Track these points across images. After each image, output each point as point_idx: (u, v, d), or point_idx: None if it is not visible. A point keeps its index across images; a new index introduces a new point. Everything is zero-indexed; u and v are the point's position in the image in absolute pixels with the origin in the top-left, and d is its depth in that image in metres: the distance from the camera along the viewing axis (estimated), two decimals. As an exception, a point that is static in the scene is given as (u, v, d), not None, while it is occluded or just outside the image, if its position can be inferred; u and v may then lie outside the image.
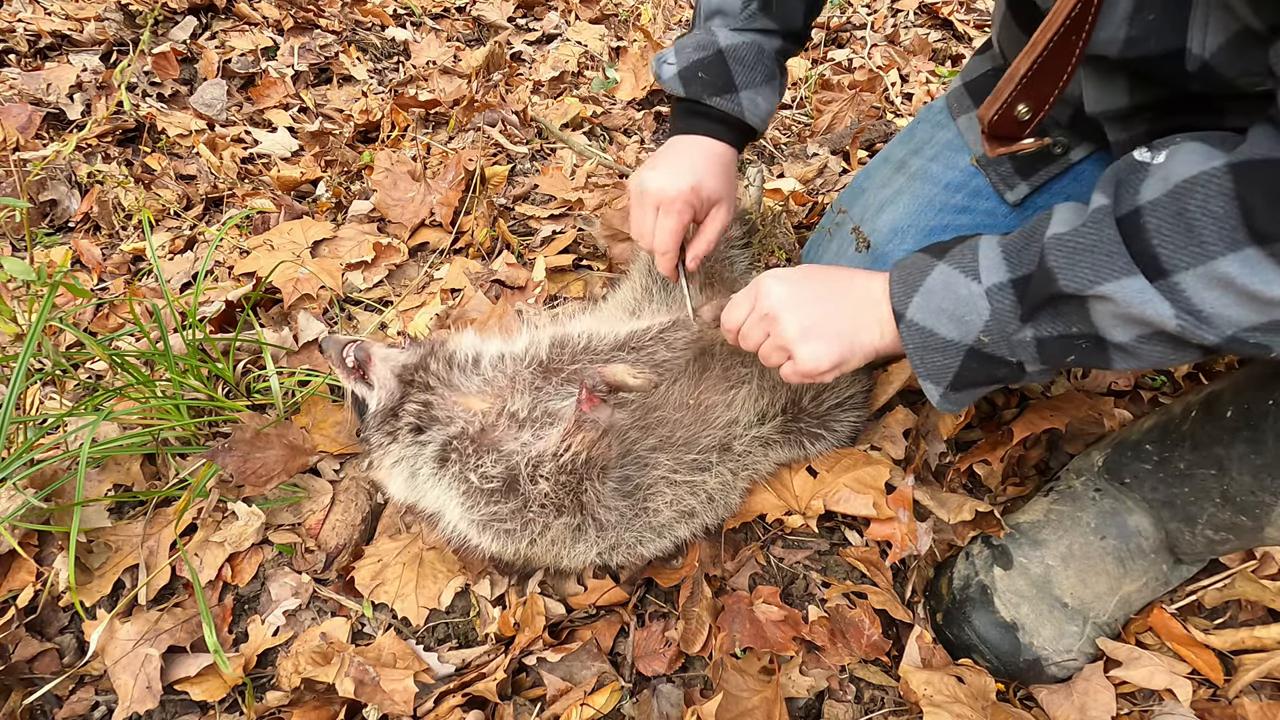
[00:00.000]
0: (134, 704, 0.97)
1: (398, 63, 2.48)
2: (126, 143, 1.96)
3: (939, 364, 0.79)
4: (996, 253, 0.75)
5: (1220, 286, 0.60)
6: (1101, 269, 0.65)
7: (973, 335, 0.76)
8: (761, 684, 0.99)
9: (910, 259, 0.82)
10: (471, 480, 0.96)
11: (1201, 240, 0.60)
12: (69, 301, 1.49)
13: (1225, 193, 0.59)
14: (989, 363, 0.77)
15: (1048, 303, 0.70)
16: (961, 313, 0.76)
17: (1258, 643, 1.01)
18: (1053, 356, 0.74)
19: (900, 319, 0.80)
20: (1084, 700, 0.97)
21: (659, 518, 1.02)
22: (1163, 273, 0.62)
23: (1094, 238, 0.66)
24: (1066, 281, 0.67)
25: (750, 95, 1.08)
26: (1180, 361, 0.68)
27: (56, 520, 1.10)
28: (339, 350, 1.05)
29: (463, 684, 0.99)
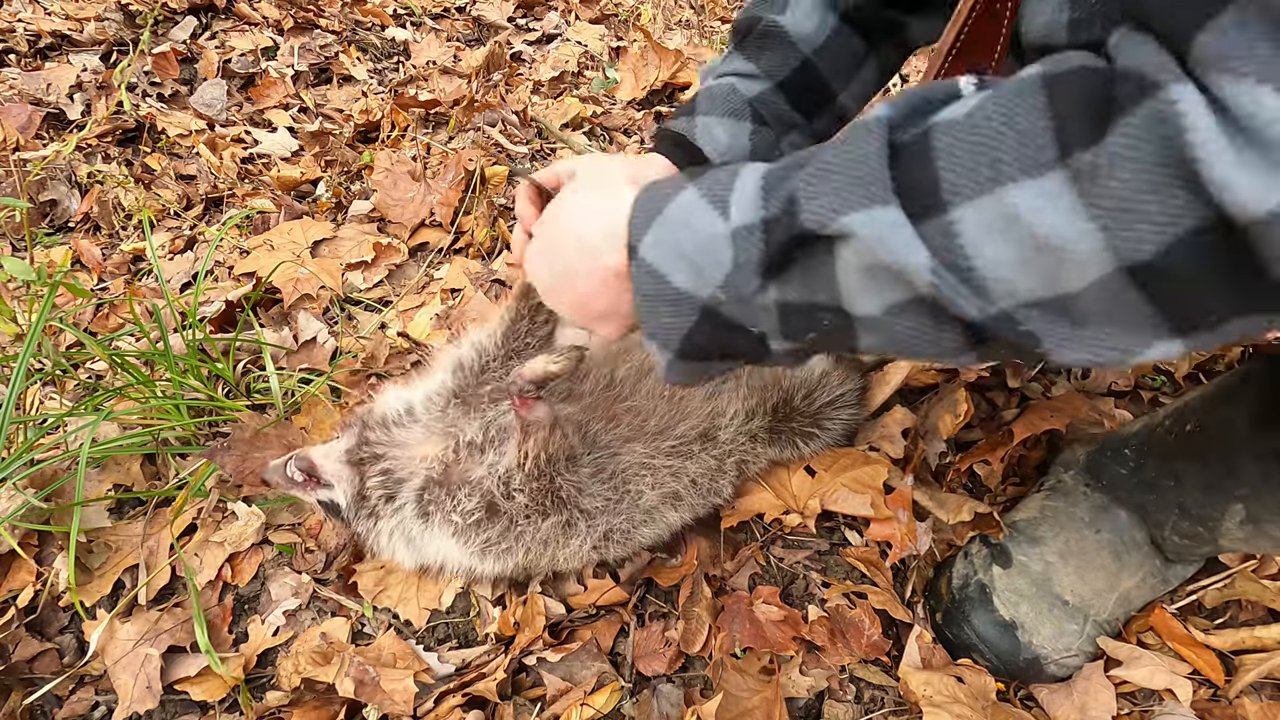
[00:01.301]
0: (134, 704, 0.97)
1: (398, 63, 2.48)
2: (126, 143, 1.96)
3: (667, 322, 0.60)
4: (755, 182, 0.55)
5: (1002, 229, 0.43)
6: (850, 195, 0.47)
7: (709, 289, 0.56)
8: (761, 684, 0.99)
9: (664, 180, 0.63)
10: (456, 520, 0.98)
11: (995, 159, 0.43)
12: (69, 301, 1.49)
13: (1035, 107, 0.43)
14: (726, 330, 0.58)
15: (790, 248, 0.52)
16: (699, 257, 0.56)
17: (1258, 643, 1.01)
18: (796, 331, 0.56)
19: (633, 255, 0.60)
20: (1084, 700, 0.97)
21: (644, 500, 1.02)
22: (939, 206, 0.45)
23: (851, 154, 0.48)
24: (808, 213, 0.49)
25: (706, 121, 1.00)
26: (935, 354, 0.51)
27: (56, 520, 1.10)
28: (282, 472, 1.03)
29: (463, 684, 0.99)
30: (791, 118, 1.04)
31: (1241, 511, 0.85)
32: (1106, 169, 0.38)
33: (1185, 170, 0.36)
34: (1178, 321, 0.42)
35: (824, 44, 0.99)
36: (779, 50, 1.00)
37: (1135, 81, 0.38)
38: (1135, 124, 0.37)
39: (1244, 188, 0.34)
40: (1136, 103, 0.38)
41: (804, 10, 0.99)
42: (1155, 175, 0.37)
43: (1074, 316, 0.44)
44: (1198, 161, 0.35)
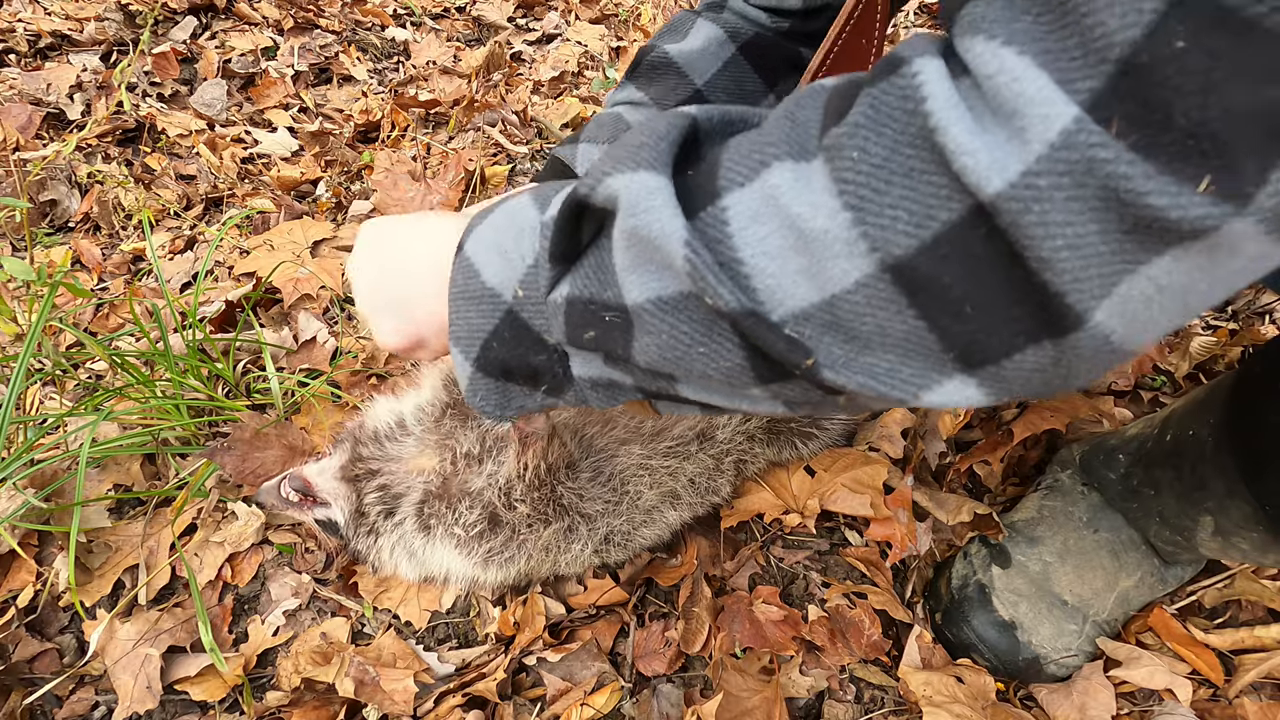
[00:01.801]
0: (134, 704, 0.97)
1: (398, 63, 2.48)
2: (126, 143, 1.96)
3: (471, 321, 0.54)
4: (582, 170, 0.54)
5: (768, 212, 0.39)
6: (622, 159, 0.43)
7: (512, 286, 0.52)
8: (761, 684, 0.99)
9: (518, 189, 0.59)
10: (459, 533, 0.97)
11: (766, 143, 0.40)
12: (69, 301, 1.49)
13: (816, 103, 0.40)
14: (524, 338, 0.53)
15: (576, 224, 0.48)
16: (509, 247, 0.52)
17: (1258, 643, 1.01)
18: (577, 332, 0.50)
19: (459, 251, 0.55)
20: (1084, 699, 0.97)
21: (643, 500, 1.02)
22: (714, 193, 0.41)
23: (641, 132, 0.45)
24: (585, 181, 0.45)
25: (587, 149, 0.98)
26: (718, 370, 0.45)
27: (56, 520, 1.10)
28: (276, 493, 1.02)
29: (463, 684, 0.99)
30: None
31: (1211, 524, 0.85)
32: (849, 142, 0.35)
33: (931, 145, 0.33)
34: (961, 350, 0.37)
35: (715, 75, 0.98)
36: (669, 80, 0.99)
37: (885, 61, 0.36)
38: (877, 97, 0.35)
39: (983, 155, 0.31)
40: (881, 77, 0.35)
41: (699, 40, 0.98)
42: (906, 158, 0.34)
43: (848, 330, 0.39)
44: (937, 131, 0.32)
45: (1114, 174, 0.29)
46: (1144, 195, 0.29)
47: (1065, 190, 0.30)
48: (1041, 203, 0.30)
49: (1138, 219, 0.30)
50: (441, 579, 1.03)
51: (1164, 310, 0.33)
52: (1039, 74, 0.30)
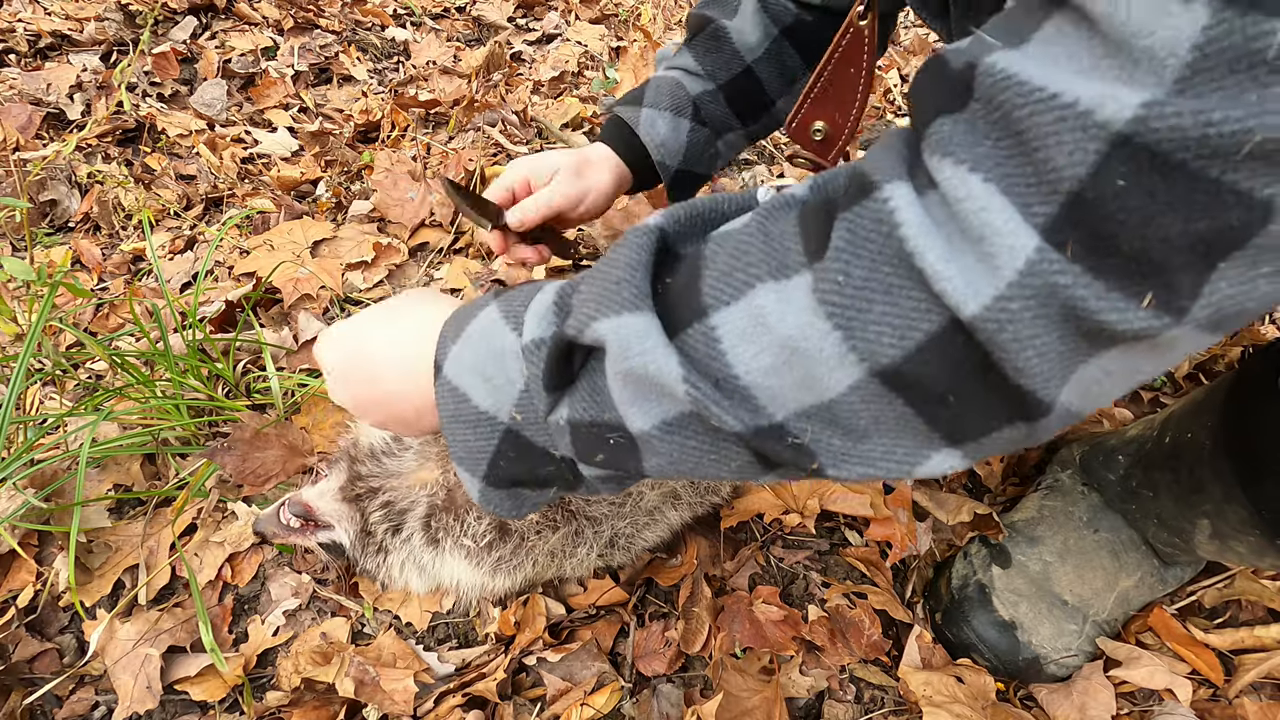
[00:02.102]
0: (134, 704, 0.97)
1: (398, 63, 2.48)
2: (126, 143, 1.96)
3: (471, 444, 0.56)
4: (549, 297, 0.52)
5: (758, 331, 0.41)
6: (605, 300, 0.45)
7: (506, 410, 0.53)
8: (761, 684, 0.99)
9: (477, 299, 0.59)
10: (468, 544, 0.96)
11: (748, 263, 0.42)
12: (69, 301, 1.49)
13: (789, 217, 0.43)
14: (529, 454, 0.54)
15: (564, 359, 0.49)
16: (494, 374, 0.53)
17: (1258, 642, 1.01)
18: (587, 453, 0.52)
19: (438, 372, 0.56)
20: (1084, 699, 0.97)
21: (645, 500, 1.02)
22: (700, 311, 0.43)
23: (614, 261, 0.46)
24: (572, 319, 0.47)
25: (650, 114, 1.03)
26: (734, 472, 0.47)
27: (56, 520, 1.10)
28: (275, 521, 1.00)
29: (463, 684, 0.99)
30: (729, 120, 1.08)
31: (1208, 527, 0.85)
32: (832, 267, 0.38)
33: (909, 266, 0.36)
34: (948, 430, 0.40)
35: (764, 55, 1.04)
36: (724, 54, 1.04)
37: (856, 181, 0.39)
38: (853, 222, 0.38)
39: (956, 281, 0.34)
40: (855, 201, 0.38)
41: (750, 20, 1.03)
42: (884, 276, 0.37)
43: (845, 426, 0.42)
44: (914, 255, 0.35)
45: (1072, 295, 0.33)
46: (1096, 312, 0.33)
47: (1032, 310, 0.34)
48: (1014, 323, 0.34)
49: (1091, 327, 0.34)
50: (452, 589, 1.02)
51: (1115, 385, 0.37)
52: (1003, 203, 0.33)
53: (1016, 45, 0.34)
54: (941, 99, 0.37)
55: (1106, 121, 0.30)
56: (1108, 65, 0.31)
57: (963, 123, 0.35)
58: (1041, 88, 0.32)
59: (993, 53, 0.34)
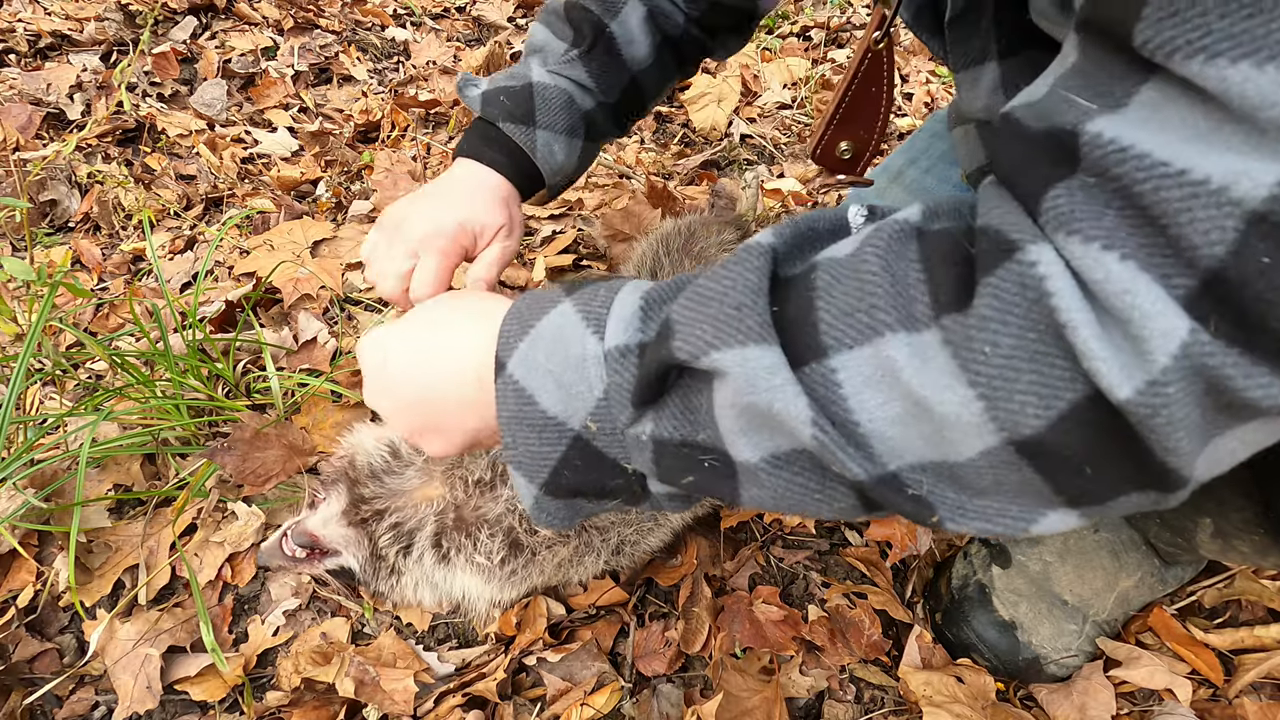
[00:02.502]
0: (134, 704, 0.97)
1: (398, 63, 2.48)
2: (126, 143, 1.96)
3: (533, 449, 0.51)
4: (635, 302, 0.49)
5: (885, 383, 0.40)
6: (725, 327, 0.42)
7: (580, 417, 0.49)
8: (761, 684, 0.99)
9: (541, 292, 0.56)
10: (481, 561, 0.94)
11: (872, 305, 0.40)
12: (69, 301, 1.49)
13: (908, 255, 0.41)
14: (599, 464, 0.51)
15: (663, 376, 0.46)
16: (570, 379, 0.49)
17: (1258, 642, 1.01)
18: (671, 474, 0.49)
19: (500, 371, 0.52)
20: (1084, 699, 0.97)
21: None
22: (819, 350, 0.41)
23: (729, 282, 0.44)
24: (680, 342, 0.44)
25: (547, 137, 0.96)
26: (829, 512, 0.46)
27: (56, 520, 1.10)
28: (279, 552, 0.98)
29: (463, 684, 0.99)
30: (610, 129, 1.07)
31: (1210, 526, 0.85)
32: (979, 334, 0.36)
33: (1059, 337, 0.34)
34: (1072, 495, 0.39)
35: (649, 66, 1.03)
36: (616, 70, 1.01)
37: (993, 240, 0.37)
38: (1000, 289, 0.36)
39: (1109, 363, 0.33)
40: (997, 263, 0.36)
41: (638, 29, 1.00)
42: (1032, 344, 0.35)
43: (964, 483, 0.41)
44: (1066, 328, 0.34)
45: (1219, 373, 0.32)
46: (1244, 389, 0.32)
47: (1184, 392, 0.32)
48: (1168, 406, 0.33)
49: (1234, 401, 0.33)
50: (463, 603, 1.00)
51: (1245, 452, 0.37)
52: (1148, 283, 0.32)
53: (1114, 109, 0.33)
54: (1041, 165, 0.36)
55: (1241, 199, 0.29)
56: (1230, 135, 0.30)
57: (1079, 193, 0.34)
58: (1166, 163, 0.31)
59: (1093, 118, 0.33)
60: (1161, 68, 0.32)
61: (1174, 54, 0.31)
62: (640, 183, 1.82)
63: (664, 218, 1.60)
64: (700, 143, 2.13)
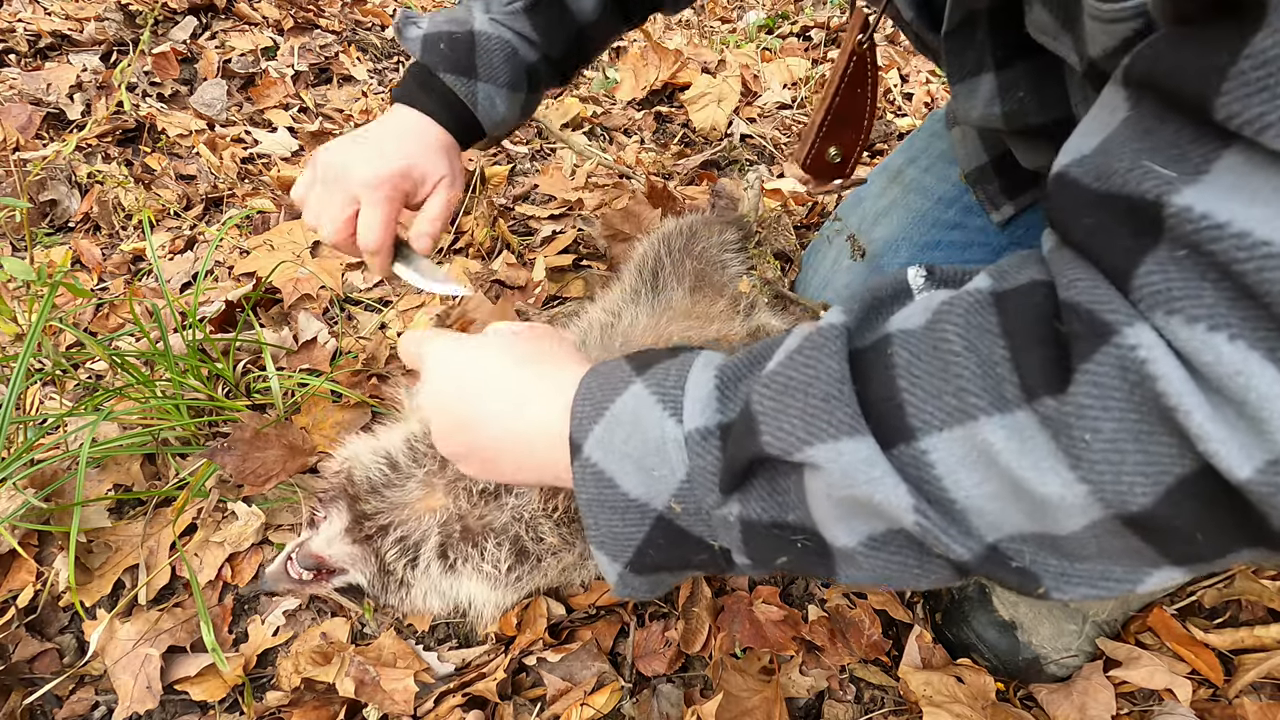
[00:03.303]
0: (134, 704, 0.97)
1: (398, 63, 2.48)
2: (126, 143, 1.96)
3: (616, 530, 0.51)
4: (709, 381, 0.49)
5: (981, 463, 0.39)
6: (814, 422, 0.42)
7: (663, 498, 0.49)
8: (761, 684, 0.99)
9: (609, 367, 0.55)
10: (488, 570, 0.94)
11: (961, 389, 0.39)
12: (69, 301, 1.49)
13: (989, 328, 0.40)
14: (683, 542, 0.51)
15: (752, 468, 0.46)
16: (650, 463, 0.49)
17: (1258, 642, 1.01)
18: (762, 554, 0.49)
19: (576, 453, 0.52)
20: (1084, 699, 0.97)
21: None
22: (907, 432, 0.41)
23: (811, 371, 0.43)
24: (770, 437, 0.44)
25: (488, 90, 0.96)
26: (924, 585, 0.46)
27: (56, 520, 1.10)
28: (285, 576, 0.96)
29: (463, 684, 0.99)
30: (552, 80, 1.07)
31: None
32: (1079, 422, 0.36)
33: (1166, 419, 0.34)
34: (1180, 557, 0.39)
35: (597, 19, 1.03)
36: (561, 26, 1.01)
37: (1085, 320, 0.36)
38: (1099, 374, 0.35)
39: (1226, 445, 0.32)
40: (1094, 348, 0.35)
41: None
42: (1135, 425, 0.35)
43: (1066, 552, 0.40)
44: (1176, 411, 0.33)
45: None
46: None
47: None
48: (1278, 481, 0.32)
49: None
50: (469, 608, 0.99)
51: None
52: (1261, 365, 0.31)
53: (1195, 178, 0.33)
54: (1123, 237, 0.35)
55: None
56: None
57: (1172, 269, 0.33)
58: (1268, 241, 0.30)
59: (1177, 189, 0.33)
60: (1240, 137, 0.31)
61: (1265, 130, 0.30)
62: (640, 183, 1.82)
63: (664, 218, 1.60)
64: (700, 143, 2.13)
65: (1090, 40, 0.50)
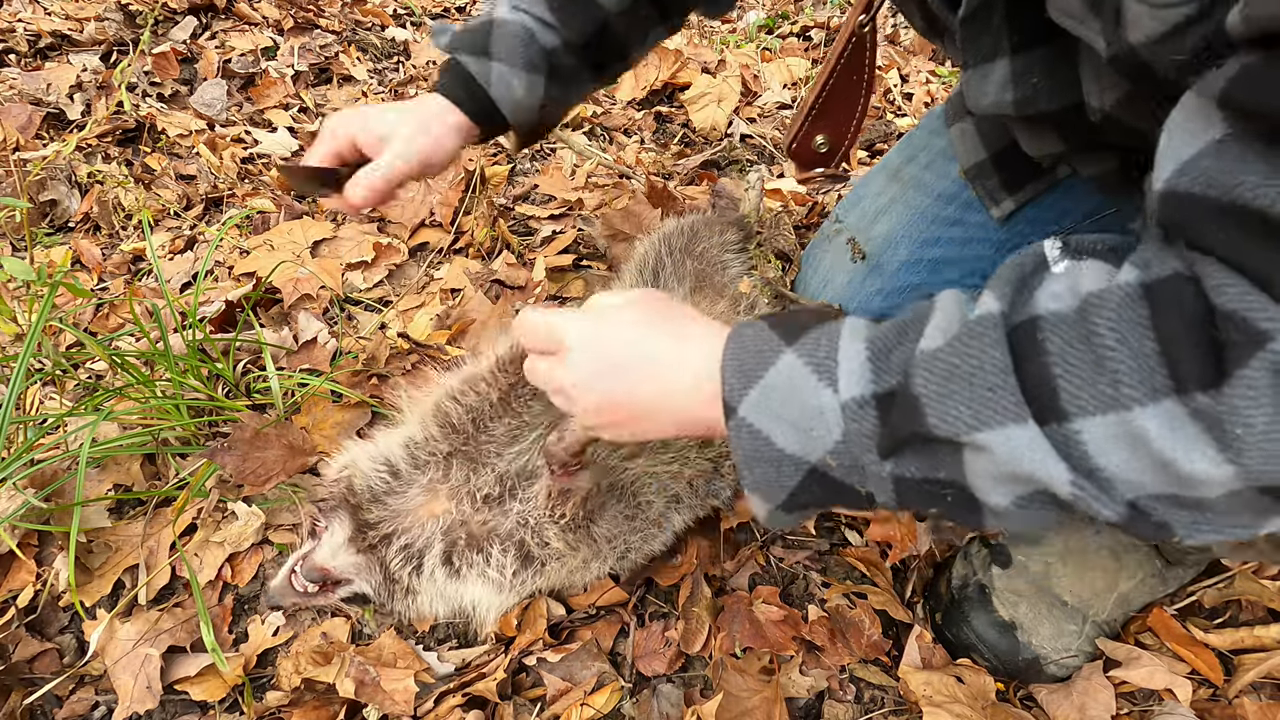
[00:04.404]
0: (134, 704, 0.97)
1: (398, 63, 2.48)
2: (126, 143, 1.96)
3: (771, 479, 0.59)
4: (860, 352, 0.55)
5: (1130, 444, 0.45)
6: (983, 410, 0.48)
7: (817, 454, 0.57)
8: (761, 684, 0.99)
9: (752, 332, 0.61)
10: (493, 575, 0.94)
11: (1116, 379, 0.44)
12: (69, 301, 1.49)
13: (1140, 321, 0.44)
14: (833, 489, 0.58)
15: (913, 441, 0.52)
16: (807, 424, 0.56)
17: (1258, 642, 1.01)
18: (911, 501, 0.56)
19: (730, 414, 0.59)
20: (1084, 700, 0.97)
21: (652, 510, 1.02)
22: (1061, 414, 0.46)
23: (975, 361, 0.49)
24: (937, 420, 0.49)
25: (503, 70, 0.96)
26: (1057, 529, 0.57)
27: (56, 520, 1.10)
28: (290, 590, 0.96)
29: (463, 684, 0.99)
30: (581, 74, 1.05)
31: None
32: (1232, 417, 0.41)
33: None
34: None
35: (624, 9, 1.01)
36: (581, 10, 1.00)
37: (1241, 329, 0.40)
38: (1256, 379, 0.40)
39: None
40: (1250, 354, 0.40)
41: None
42: None
43: (1204, 508, 0.46)
44: None
45: None
46: None
47: None
48: None
49: None
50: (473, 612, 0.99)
51: None
52: None
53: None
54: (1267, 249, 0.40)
55: None
56: None
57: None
58: None
59: None
60: None
61: None
62: (640, 183, 1.82)
63: (664, 218, 1.60)
64: (700, 143, 2.13)
65: (1132, 25, 0.50)
